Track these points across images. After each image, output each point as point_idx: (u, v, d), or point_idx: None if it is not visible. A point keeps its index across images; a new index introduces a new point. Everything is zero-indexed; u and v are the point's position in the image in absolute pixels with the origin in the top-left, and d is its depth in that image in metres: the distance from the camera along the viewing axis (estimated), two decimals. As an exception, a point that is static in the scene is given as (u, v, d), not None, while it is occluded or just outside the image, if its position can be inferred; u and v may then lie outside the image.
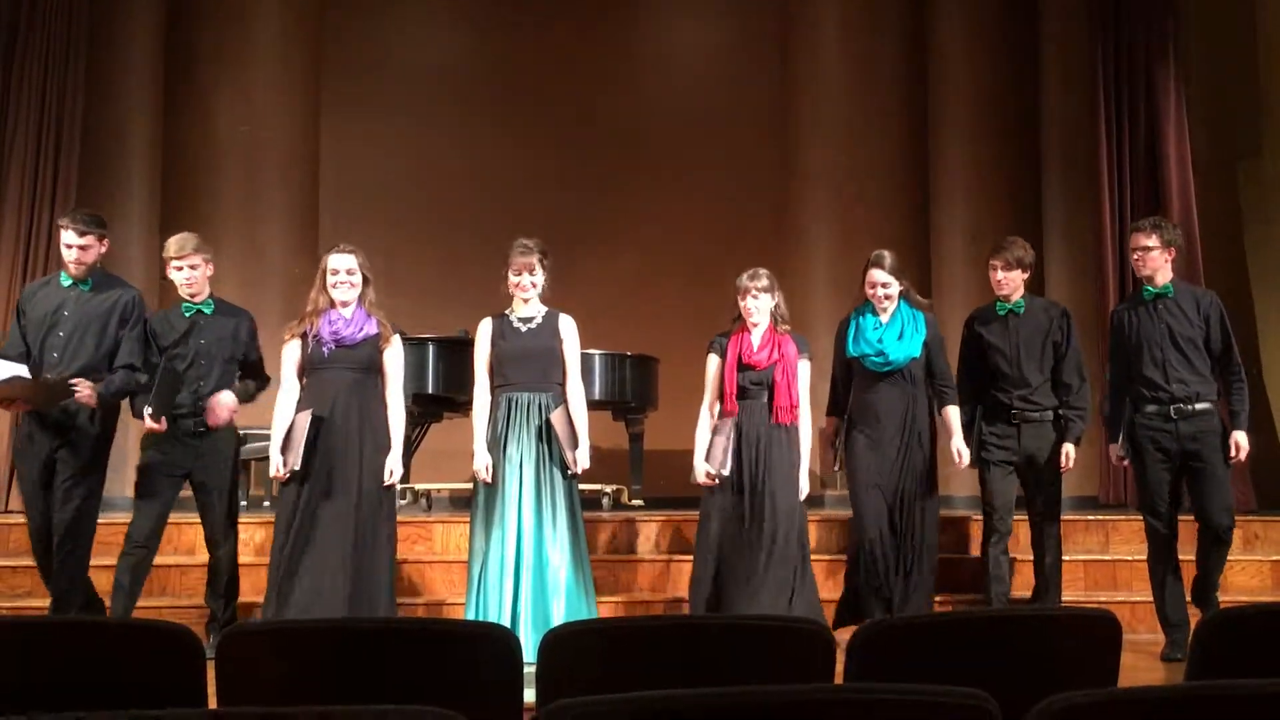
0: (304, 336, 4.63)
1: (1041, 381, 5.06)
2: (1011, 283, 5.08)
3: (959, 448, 4.99)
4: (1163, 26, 7.50)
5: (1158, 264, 4.91)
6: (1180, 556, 4.92)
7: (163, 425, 4.54)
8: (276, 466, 4.50)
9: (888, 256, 4.96)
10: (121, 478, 6.49)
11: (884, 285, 4.93)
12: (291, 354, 4.64)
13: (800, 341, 4.90)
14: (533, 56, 9.80)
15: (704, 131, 9.78)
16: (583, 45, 9.84)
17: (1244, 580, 5.69)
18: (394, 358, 4.72)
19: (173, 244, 4.78)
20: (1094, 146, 7.64)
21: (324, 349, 4.56)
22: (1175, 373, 4.82)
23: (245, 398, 4.87)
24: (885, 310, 4.95)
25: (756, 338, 4.86)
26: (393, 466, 4.57)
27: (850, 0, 9.11)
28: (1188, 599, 4.89)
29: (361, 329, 4.61)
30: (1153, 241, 4.92)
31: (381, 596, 4.49)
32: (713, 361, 4.91)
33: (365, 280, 4.68)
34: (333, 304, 4.66)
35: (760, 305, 4.85)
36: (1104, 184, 7.51)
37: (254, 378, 4.97)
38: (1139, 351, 4.90)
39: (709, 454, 4.73)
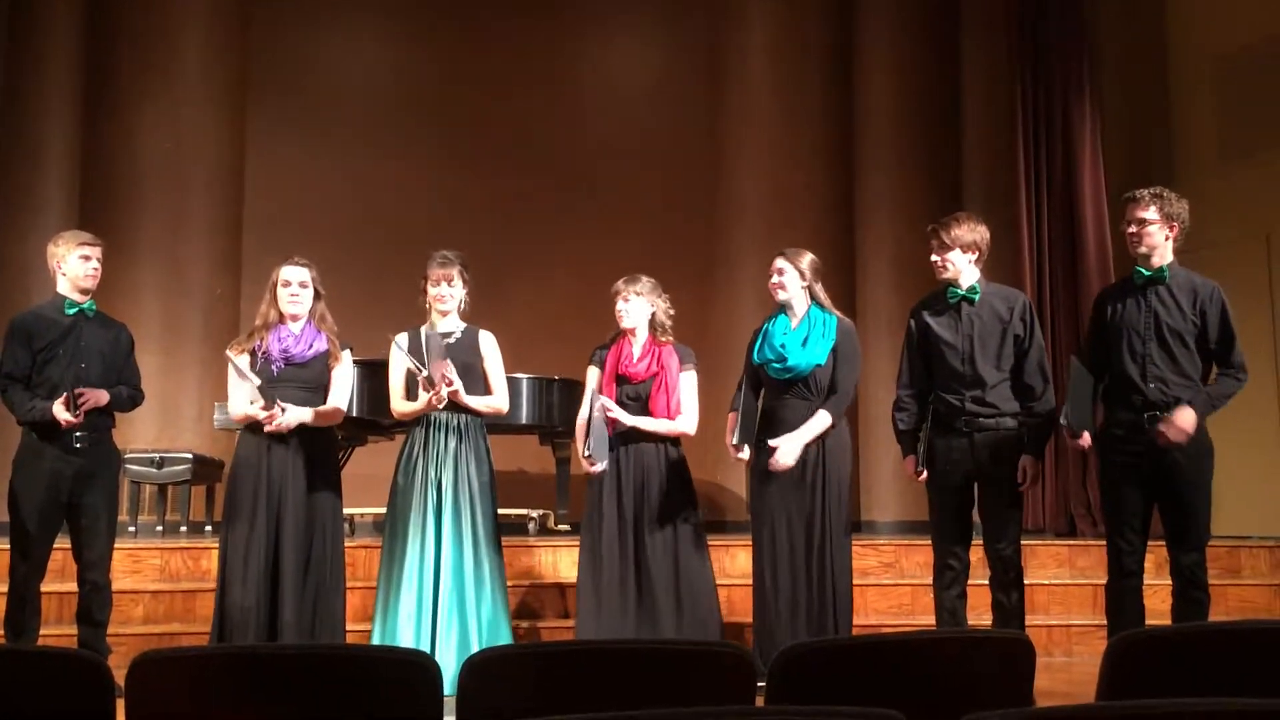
0: (252, 353, 4.46)
1: (999, 380, 4.29)
2: (951, 265, 4.35)
3: (783, 445, 4.44)
4: (1079, 64, 7.76)
5: (1155, 241, 4.11)
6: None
7: (79, 417, 4.30)
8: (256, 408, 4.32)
9: (790, 249, 4.66)
10: None
11: (779, 272, 4.61)
12: (244, 364, 4.42)
13: (684, 352, 4.71)
14: (465, 76, 9.78)
15: (636, 155, 9.85)
16: (516, 67, 9.85)
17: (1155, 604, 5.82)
18: (342, 374, 4.56)
19: (76, 233, 4.57)
20: (1013, 176, 7.86)
21: (273, 367, 4.41)
22: (1154, 370, 4.06)
23: (122, 406, 4.62)
24: (788, 307, 4.62)
25: (636, 348, 4.69)
26: (292, 418, 4.34)
27: (778, 33, 9.28)
28: None
29: (311, 346, 4.49)
30: (1150, 214, 4.12)
31: (335, 619, 4.38)
32: (592, 374, 4.73)
33: (317, 294, 4.56)
34: (282, 318, 4.52)
35: (632, 309, 4.66)
36: (1022, 212, 7.71)
37: (129, 399, 4.69)
38: (1117, 341, 4.14)
39: (592, 447, 4.51)
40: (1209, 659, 2.26)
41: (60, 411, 4.28)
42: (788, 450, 4.44)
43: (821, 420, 4.49)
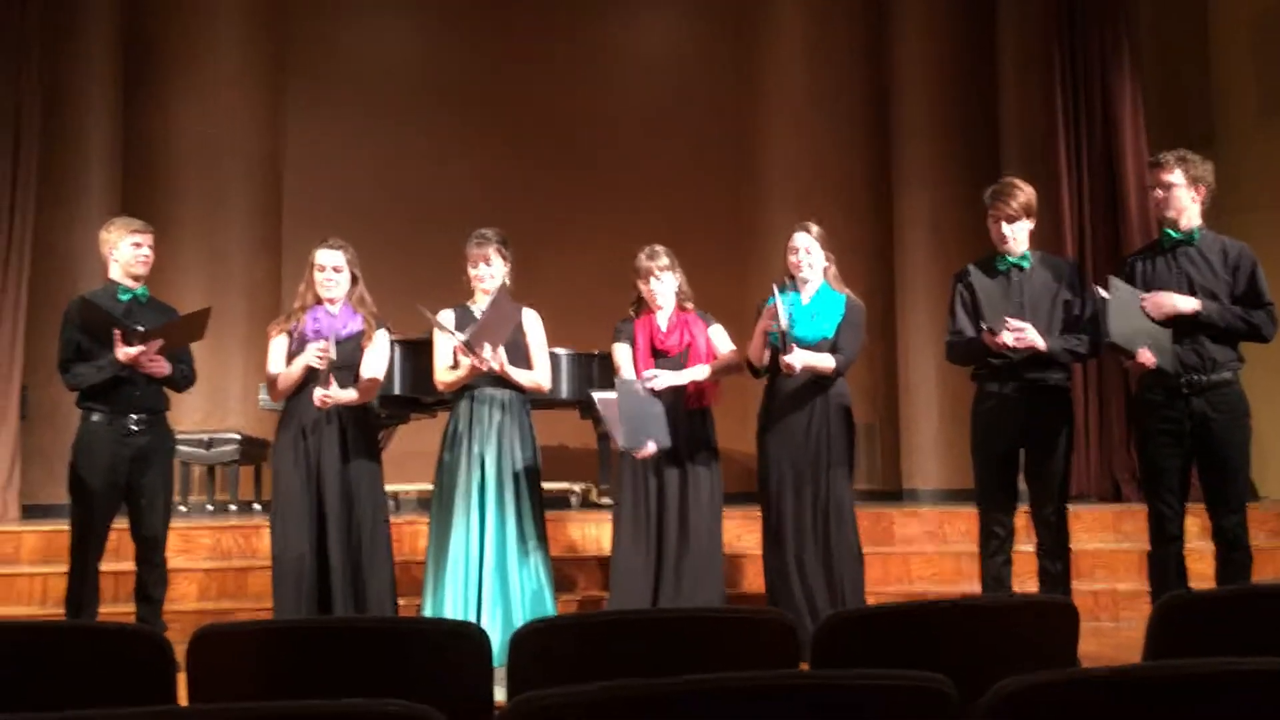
0: (290, 334, 4.52)
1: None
2: (1019, 235, 4.28)
3: (792, 360, 4.40)
4: (1116, 21, 7.65)
5: (1182, 204, 4.08)
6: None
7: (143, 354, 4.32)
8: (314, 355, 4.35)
9: (813, 225, 4.66)
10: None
11: (805, 250, 4.61)
12: (278, 350, 4.50)
13: (708, 320, 4.73)
14: (496, 55, 9.79)
15: (666, 127, 9.83)
16: (546, 45, 9.85)
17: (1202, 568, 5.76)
18: (374, 350, 4.55)
19: (127, 220, 4.65)
20: (1052, 138, 7.77)
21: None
22: (1188, 333, 3.98)
23: (177, 385, 4.67)
24: (806, 283, 4.62)
25: (664, 321, 4.67)
26: (339, 395, 4.36)
27: (812, 2, 9.18)
28: None
29: (346, 326, 4.51)
30: (1176, 177, 4.08)
31: (384, 592, 4.44)
32: (622, 350, 4.68)
33: (354, 278, 4.59)
34: (319, 300, 4.56)
35: (664, 287, 4.64)
36: (1062, 177, 7.63)
37: (184, 376, 4.72)
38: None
39: (632, 433, 4.46)
40: (1254, 620, 2.26)
41: (123, 350, 4.31)
42: (800, 357, 4.42)
43: (826, 359, 4.51)
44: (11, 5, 7.38)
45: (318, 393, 4.33)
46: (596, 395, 4.59)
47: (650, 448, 4.48)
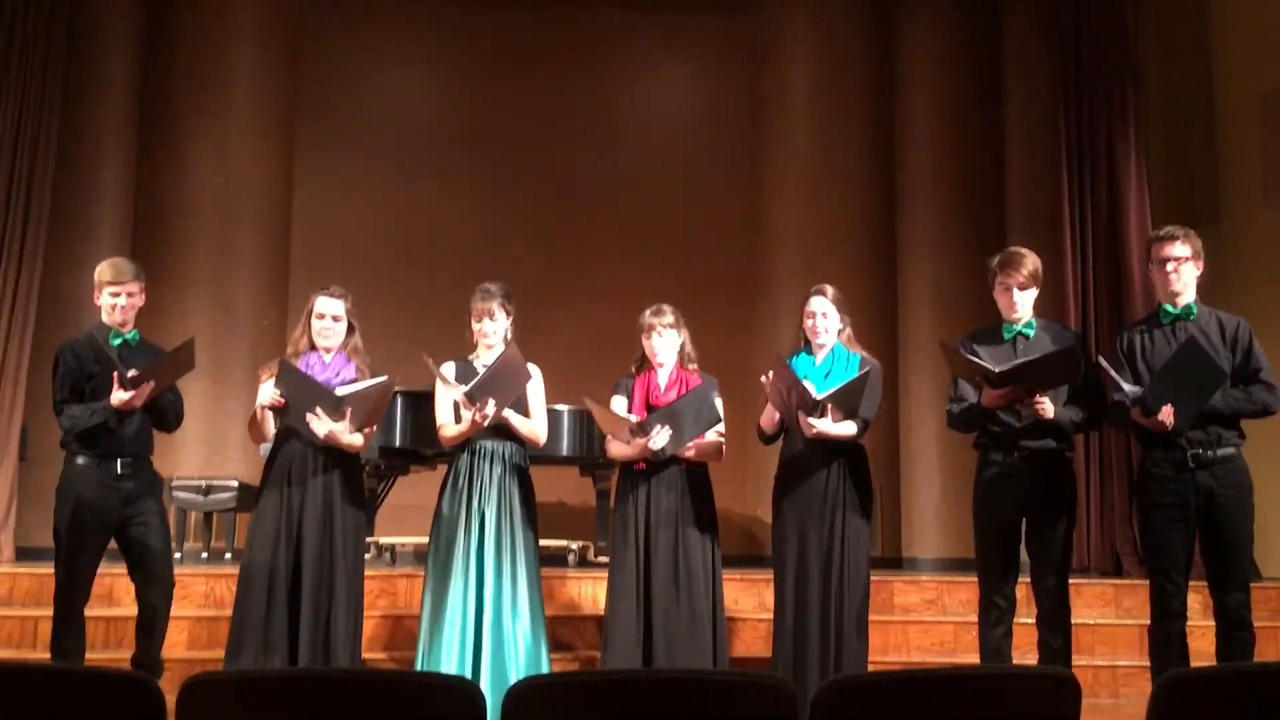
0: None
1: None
2: (1026, 303, 4.30)
3: (815, 423, 4.30)
4: (1123, 96, 7.72)
5: (1190, 278, 4.13)
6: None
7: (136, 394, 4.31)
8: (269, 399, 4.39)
9: (829, 288, 4.61)
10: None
11: (823, 315, 4.54)
12: (266, 394, 4.47)
13: (709, 382, 4.63)
14: (508, 108, 9.90)
15: (677, 186, 9.92)
16: (558, 99, 9.96)
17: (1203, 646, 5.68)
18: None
19: (108, 269, 4.54)
20: (1057, 211, 7.81)
21: None
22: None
23: (166, 416, 4.65)
24: (821, 348, 4.56)
25: (664, 378, 4.64)
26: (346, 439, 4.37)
27: (819, 65, 9.33)
28: None
29: (339, 374, 4.51)
30: (1185, 250, 4.11)
31: (348, 649, 4.39)
32: (618, 402, 4.67)
33: (350, 327, 4.59)
34: (313, 346, 4.56)
35: (666, 344, 4.61)
36: (1066, 249, 7.66)
37: (175, 414, 4.72)
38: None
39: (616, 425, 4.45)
40: (1257, 700, 2.23)
41: (118, 394, 4.29)
42: (821, 424, 4.34)
43: (847, 426, 4.41)
44: (29, 51, 7.48)
45: (319, 428, 4.29)
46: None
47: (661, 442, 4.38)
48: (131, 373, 4.32)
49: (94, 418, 4.39)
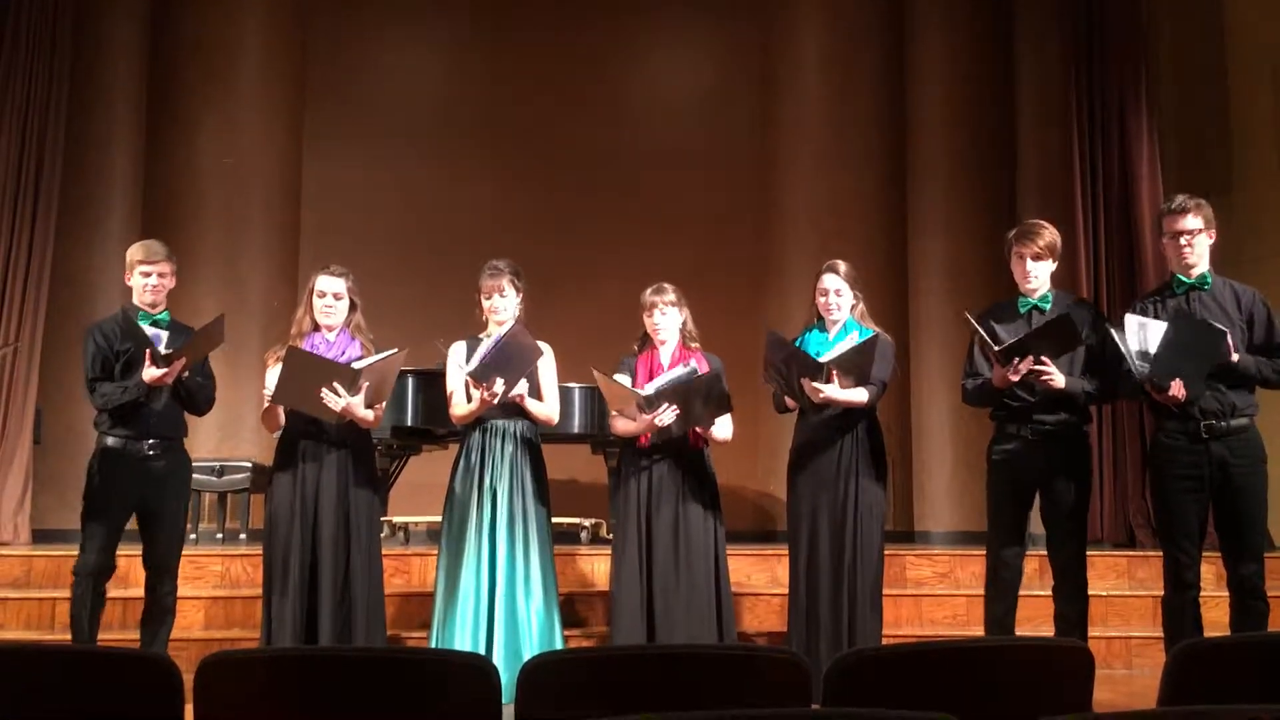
0: None
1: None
2: (1042, 275, 4.29)
3: (822, 388, 4.32)
4: (1135, 67, 7.67)
5: (1203, 249, 4.10)
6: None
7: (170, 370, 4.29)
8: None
9: (842, 264, 4.62)
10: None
11: (835, 292, 4.56)
12: (273, 378, 4.45)
13: (713, 361, 4.64)
14: (516, 86, 9.85)
15: (687, 164, 9.85)
16: (567, 77, 9.91)
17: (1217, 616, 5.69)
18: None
19: (140, 249, 4.54)
20: (1069, 184, 7.76)
21: None
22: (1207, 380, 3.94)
23: (195, 398, 4.63)
24: (834, 324, 4.58)
25: (666, 356, 4.63)
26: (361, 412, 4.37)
27: (831, 40, 9.27)
28: None
29: (344, 353, 4.51)
30: (1198, 223, 4.08)
31: (373, 625, 4.40)
32: (622, 381, 4.63)
33: (353, 305, 4.59)
34: (317, 327, 4.57)
35: (667, 322, 4.61)
36: (1079, 223, 7.62)
37: (205, 397, 4.71)
38: None
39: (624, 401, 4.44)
40: (1271, 669, 2.23)
41: (149, 370, 4.29)
42: (828, 389, 4.35)
43: (858, 393, 4.42)
44: (38, 35, 7.48)
45: (336, 403, 4.28)
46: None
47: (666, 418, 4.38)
48: (164, 349, 4.31)
49: (126, 395, 4.38)
